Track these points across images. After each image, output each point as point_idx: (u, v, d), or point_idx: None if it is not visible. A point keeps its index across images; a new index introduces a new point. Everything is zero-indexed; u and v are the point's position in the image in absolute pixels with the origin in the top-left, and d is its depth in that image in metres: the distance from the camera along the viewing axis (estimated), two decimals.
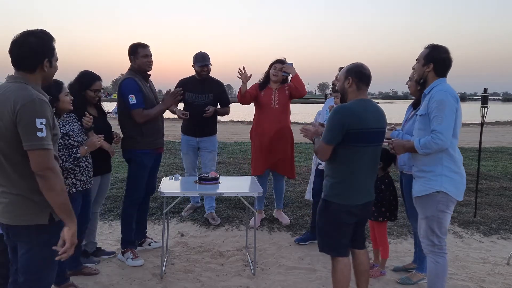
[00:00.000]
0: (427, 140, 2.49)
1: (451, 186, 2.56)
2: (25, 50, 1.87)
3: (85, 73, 3.21)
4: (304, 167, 7.44)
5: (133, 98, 3.35)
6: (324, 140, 2.45)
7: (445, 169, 2.55)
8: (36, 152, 1.80)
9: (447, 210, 2.59)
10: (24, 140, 1.79)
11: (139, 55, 3.47)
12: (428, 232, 2.63)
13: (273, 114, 4.25)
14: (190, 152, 4.54)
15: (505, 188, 6.16)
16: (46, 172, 1.82)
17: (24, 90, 1.83)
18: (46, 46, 1.92)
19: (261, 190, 3.34)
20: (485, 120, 4.79)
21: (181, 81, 4.42)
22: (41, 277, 2.00)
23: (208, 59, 4.29)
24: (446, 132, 2.45)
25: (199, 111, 4.24)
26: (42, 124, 1.80)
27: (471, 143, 10.53)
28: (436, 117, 2.48)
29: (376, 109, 2.50)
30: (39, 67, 1.91)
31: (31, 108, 1.79)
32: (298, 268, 3.48)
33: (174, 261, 3.54)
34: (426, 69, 2.64)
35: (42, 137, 1.80)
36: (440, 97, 2.49)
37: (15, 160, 1.86)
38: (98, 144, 2.98)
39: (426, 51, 2.65)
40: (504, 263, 3.63)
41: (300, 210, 4.96)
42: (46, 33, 1.95)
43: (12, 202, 1.90)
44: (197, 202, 4.85)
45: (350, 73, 2.51)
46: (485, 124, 5.02)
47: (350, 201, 2.46)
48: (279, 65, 4.22)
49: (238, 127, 19.14)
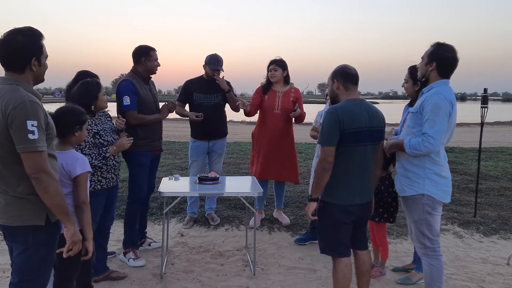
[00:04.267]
0: (417, 142, 2.46)
1: (435, 189, 2.54)
2: (12, 49, 1.85)
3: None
4: (304, 167, 7.44)
5: (128, 99, 3.38)
6: (324, 143, 2.42)
7: (428, 172, 2.53)
8: (29, 155, 1.79)
9: (434, 212, 2.57)
10: (17, 143, 1.78)
11: (152, 58, 3.51)
12: (419, 235, 2.62)
13: (275, 120, 4.21)
14: (200, 158, 4.36)
15: (505, 188, 6.16)
16: (39, 174, 1.81)
17: (16, 92, 1.81)
18: (33, 45, 1.88)
19: (261, 190, 3.34)
20: (485, 120, 4.79)
21: (188, 81, 4.36)
22: (36, 278, 1.98)
23: (221, 64, 4.23)
24: (437, 136, 2.42)
25: (209, 112, 4.16)
26: (33, 126, 1.78)
27: (471, 143, 10.54)
28: (429, 120, 2.44)
29: (369, 108, 2.50)
30: (27, 67, 1.88)
31: (22, 110, 1.77)
32: (298, 268, 3.48)
33: (174, 261, 3.54)
34: (428, 67, 2.57)
35: (34, 139, 1.78)
36: (436, 100, 2.44)
37: (10, 162, 1.85)
38: (127, 146, 3.00)
39: (431, 49, 2.58)
40: (504, 263, 3.63)
41: (300, 210, 4.96)
42: (33, 30, 1.91)
43: (8, 203, 1.89)
44: (194, 213, 4.60)
45: (335, 75, 2.54)
46: (485, 124, 5.02)
47: (347, 200, 2.47)
48: (274, 65, 4.19)
49: (238, 127, 19.15)
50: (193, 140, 4.40)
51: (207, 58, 4.24)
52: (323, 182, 2.44)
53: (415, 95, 3.01)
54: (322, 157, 2.42)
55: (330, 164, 2.41)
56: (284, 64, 4.24)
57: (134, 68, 3.53)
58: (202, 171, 4.34)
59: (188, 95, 4.27)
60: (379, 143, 2.55)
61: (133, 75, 3.49)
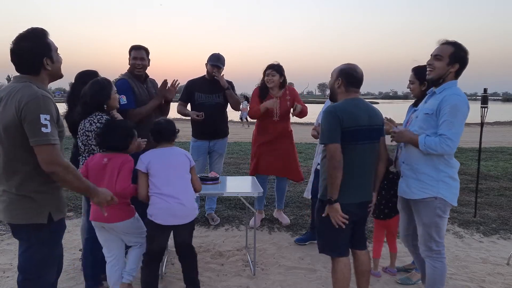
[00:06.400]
0: (434, 141, 2.40)
1: (448, 192, 2.50)
2: (22, 56, 1.92)
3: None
4: (304, 167, 7.44)
5: (124, 98, 3.38)
6: (327, 141, 2.39)
7: (442, 175, 2.48)
8: (42, 148, 1.84)
9: (444, 215, 2.54)
10: (30, 136, 1.84)
11: (130, 56, 3.54)
12: (426, 238, 2.57)
13: (275, 126, 4.25)
14: (200, 158, 4.37)
15: (505, 188, 6.16)
16: (54, 168, 1.85)
17: (28, 88, 1.88)
18: (40, 46, 1.94)
19: (261, 190, 3.35)
20: (485, 120, 4.79)
21: (190, 81, 4.38)
22: (40, 276, 2.02)
23: (221, 62, 4.24)
24: (455, 138, 2.37)
25: (210, 112, 4.16)
26: (46, 120, 1.84)
27: (471, 143, 10.53)
28: (446, 121, 2.38)
29: (367, 107, 2.50)
30: (41, 68, 1.95)
31: (35, 105, 1.83)
32: (298, 268, 3.48)
33: (174, 261, 3.54)
34: (450, 68, 2.46)
35: (47, 133, 1.84)
36: (455, 101, 2.37)
37: (16, 159, 1.90)
38: (142, 146, 2.96)
39: (451, 49, 2.46)
40: (504, 263, 3.63)
41: (300, 210, 4.96)
42: (36, 32, 1.95)
43: (12, 201, 1.93)
44: None
45: (341, 74, 2.51)
46: (485, 124, 5.02)
47: (346, 200, 2.45)
48: (271, 70, 4.17)
49: (238, 127, 19.15)
50: (194, 140, 4.41)
51: (209, 56, 4.28)
52: (337, 180, 2.36)
53: (421, 96, 2.94)
54: (329, 156, 2.37)
55: (339, 161, 2.34)
56: (282, 69, 4.23)
57: (129, 67, 3.59)
58: (203, 171, 4.35)
59: (190, 95, 4.29)
60: (378, 141, 2.54)
61: (128, 75, 3.56)
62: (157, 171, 2.65)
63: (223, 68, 4.28)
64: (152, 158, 2.68)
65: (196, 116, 4.09)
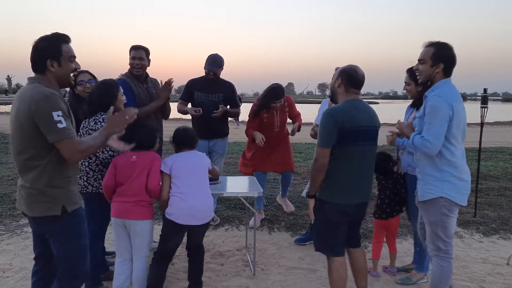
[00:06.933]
0: (418, 142, 2.44)
1: (453, 191, 2.47)
2: (34, 54, 2.03)
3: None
4: (304, 167, 7.45)
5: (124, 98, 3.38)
6: (320, 144, 2.42)
7: (446, 175, 2.47)
8: (62, 143, 1.94)
9: (451, 214, 2.51)
10: (47, 134, 1.93)
11: (130, 56, 3.56)
12: (433, 237, 2.57)
13: (275, 135, 4.34)
14: None
15: (505, 188, 6.17)
16: (77, 157, 1.99)
17: (36, 88, 1.97)
18: (50, 48, 2.03)
19: (261, 190, 3.35)
20: (485, 120, 4.79)
21: (190, 80, 4.39)
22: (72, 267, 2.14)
23: (217, 65, 4.23)
24: (434, 140, 2.37)
25: (209, 111, 4.16)
26: (59, 116, 1.92)
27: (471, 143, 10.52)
28: (426, 123, 2.41)
29: (366, 108, 2.50)
30: (46, 68, 2.03)
31: (45, 103, 1.91)
32: (298, 268, 3.48)
33: (174, 261, 3.54)
34: (435, 70, 2.47)
35: (63, 128, 1.93)
36: (434, 102, 2.38)
37: (31, 157, 1.99)
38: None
39: (432, 50, 2.47)
40: (504, 263, 3.63)
41: (300, 210, 4.96)
42: (55, 35, 2.06)
43: (29, 196, 2.05)
44: None
45: (342, 74, 2.51)
46: (485, 124, 5.02)
47: (344, 200, 2.46)
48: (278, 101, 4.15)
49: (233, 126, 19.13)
50: None
51: (207, 58, 4.29)
52: (317, 181, 2.48)
53: (419, 96, 2.96)
54: (316, 158, 2.44)
55: (323, 165, 2.42)
56: (283, 92, 4.25)
57: None
58: None
59: (190, 94, 4.31)
60: (376, 142, 2.55)
61: (128, 75, 3.57)
62: (180, 173, 2.76)
63: (221, 70, 4.28)
64: (175, 160, 2.80)
65: (194, 111, 4.11)
